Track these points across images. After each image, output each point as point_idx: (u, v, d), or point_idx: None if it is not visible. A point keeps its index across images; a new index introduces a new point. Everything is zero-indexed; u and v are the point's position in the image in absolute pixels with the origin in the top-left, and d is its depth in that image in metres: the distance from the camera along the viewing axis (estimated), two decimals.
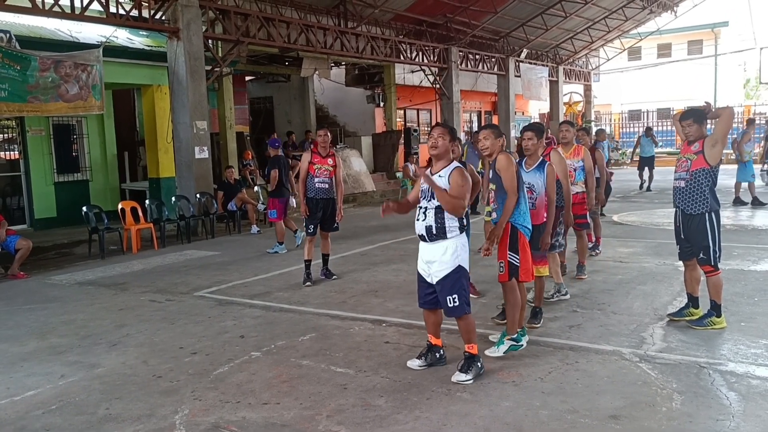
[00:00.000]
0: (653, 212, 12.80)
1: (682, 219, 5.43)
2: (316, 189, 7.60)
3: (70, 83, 10.75)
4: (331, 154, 7.72)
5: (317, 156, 7.65)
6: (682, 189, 5.35)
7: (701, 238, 5.28)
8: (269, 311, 6.53)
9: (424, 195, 4.49)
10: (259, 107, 21.34)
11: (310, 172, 7.61)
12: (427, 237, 4.44)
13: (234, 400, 4.26)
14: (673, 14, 25.76)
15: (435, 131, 4.58)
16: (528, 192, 5.28)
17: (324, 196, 7.65)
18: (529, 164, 5.52)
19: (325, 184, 7.62)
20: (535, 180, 5.44)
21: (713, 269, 5.29)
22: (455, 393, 4.23)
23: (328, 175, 7.64)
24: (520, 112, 27.16)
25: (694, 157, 5.26)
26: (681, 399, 4.00)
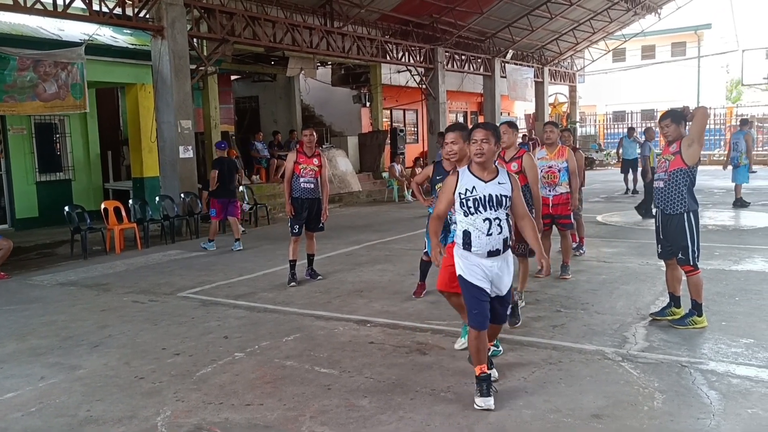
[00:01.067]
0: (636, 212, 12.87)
1: (661, 219, 5.49)
2: (302, 189, 7.56)
3: (48, 82, 10.64)
4: (317, 153, 7.69)
5: (303, 156, 7.60)
6: (661, 189, 5.40)
7: (680, 238, 5.33)
8: (253, 312, 6.50)
9: (481, 203, 3.95)
10: (245, 106, 21.24)
11: (295, 172, 7.58)
12: (503, 249, 4.01)
13: (217, 401, 4.24)
14: (657, 16, 26.00)
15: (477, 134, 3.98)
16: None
17: (309, 196, 7.61)
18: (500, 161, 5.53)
19: (310, 184, 7.58)
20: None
21: (693, 269, 5.34)
22: (439, 393, 4.23)
23: (314, 175, 7.60)
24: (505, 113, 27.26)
25: (671, 157, 5.33)
26: (662, 398, 4.03)
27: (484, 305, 3.97)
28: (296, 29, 14.67)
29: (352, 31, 16.50)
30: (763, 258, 8.08)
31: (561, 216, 7.35)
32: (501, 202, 3.94)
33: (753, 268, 7.55)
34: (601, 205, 14.49)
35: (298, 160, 7.58)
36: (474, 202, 3.93)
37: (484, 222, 3.92)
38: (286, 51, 15.59)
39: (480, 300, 3.97)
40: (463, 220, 3.99)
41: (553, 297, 6.57)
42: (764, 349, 4.81)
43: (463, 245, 4.00)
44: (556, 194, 7.31)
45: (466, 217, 3.97)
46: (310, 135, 7.67)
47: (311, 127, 7.88)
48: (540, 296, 6.60)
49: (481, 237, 3.93)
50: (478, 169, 3.99)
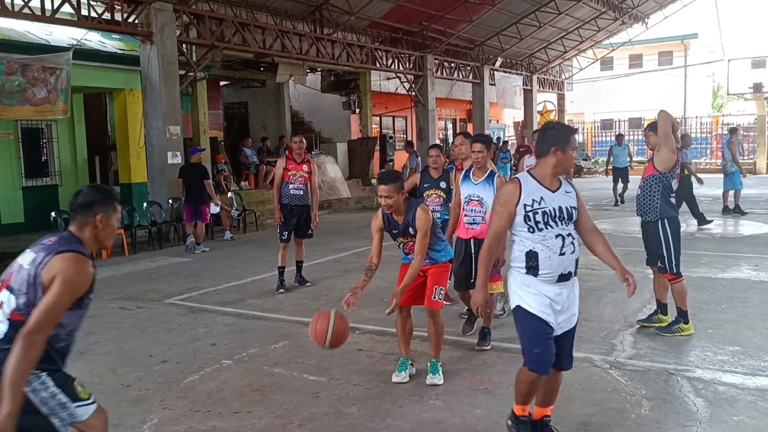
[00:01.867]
0: (625, 220, 12.97)
1: (642, 226, 5.59)
2: (291, 195, 7.56)
3: (37, 87, 10.57)
4: (306, 160, 7.69)
5: (292, 162, 7.60)
6: (638, 196, 5.52)
7: (656, 246, 5.36)
8: (241, 319, 6.47)
9: (551, 217, 3.34)
10: (234, 112, 21.19)
11: (284, 179, 7.58)
12: (574, 273, 3.43)
13: (204, 409, 4.21)
14: (644, 26, 26.27)
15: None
16: (477, 205, 5.24)
17: (299, 203, 7.62)
18: (477, 176, 5.34)
19: (299, 190, 7.58)
20: (484, 193, 5.26)
21: (675, 277, 5.36)
22: (428, 401, 4.23)
23: (303, 182, 7.60)
24: (494, 120, 27.40)
25: (647, 164, 5.47)
26: (650, 405, 4.05)
27: (549, 344, 3.34)
28: (286, 36, 14.67)
29: (341, 38, 16.53)
30: (748, 266, 8.16)
31: None
32: (571, 215, 3.42)
33: (739, 276, 7.61)
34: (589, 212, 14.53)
35: (287, 166, 7.58)
36: (543, 216, 3.32)
37: (557, 239, 3.32)
38: (276, 57, 15.58)
39: (545, 337, 3.33)
40: (527, 237, 3.35)
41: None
42: (750, 357, 4.85)
43: (527, 269, 3.34)
44: None
45: (531, 234, 3.33)
46: (300, 142, 7.66)
47: (301, 134, 7.87)
48: None
49: (552, 258, 3.30)
50: (544, 176, 3.42)
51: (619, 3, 22.97)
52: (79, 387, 2.67)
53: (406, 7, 17.31)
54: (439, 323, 4.56)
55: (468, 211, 5.30)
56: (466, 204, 5.31)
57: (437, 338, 4.57)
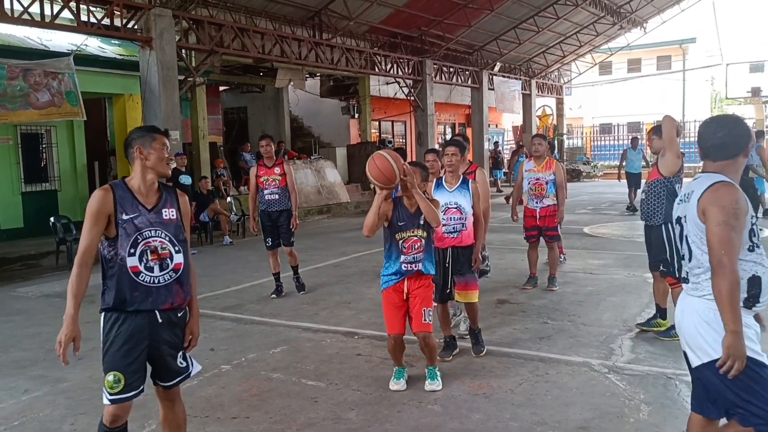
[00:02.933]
0: (624, 224, 12.99)
1: (645, 230, 5.59)
2: (267, 201, 7.43)
3: (40, 92, 10.59)
4: (279, 162, 7.50)
5: (263, 168, 7.45)
6: (643, 201, 5.51)
7: (660, 251, 5.37)
8: (240, 324, 6.47)
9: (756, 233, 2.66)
10: (233, 117, 21.24)
11: (259, 186, 7.46)
12: None
13: (203, 414, 4.21)
14: (642, 30, 26.33)
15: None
16: (456, 212, 5.05)
17: (275, 208, 7.45)
18: (450, 183, 5.15)
19: (274, 195, 7.41)
20: (461, 198, 5.09)
21: (677, 281, 5.32)
22: (426, 406, 4.23)
23: (278, 185, 7.41)
24: (493, 125, 27.44)
25: (651, 169, 5.48)
26: (648, 410, 4.05)
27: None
28: (285, 41, 14.70)
29: (340, 43, 16.57)
30: None
31: (548, 228, 7.39)
32: None
33: None
34: (588, 216, 14.58)
35: (258, 173, 7.43)
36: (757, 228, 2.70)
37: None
38: (275, 62, 15.62)
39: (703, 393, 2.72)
40: (747, 258, 2.61)
41: (540, 309, 6.59)
42: None
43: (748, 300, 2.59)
44: (543, 206, 7.35)
45: (751, 254, 2.62)
46: (267, 145, 7.43)
47: (268, 137, 7.62)
48: (527, 308, 6.62)
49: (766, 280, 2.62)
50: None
51: (617, 8, 23.04)
52: None
53: (405, 12, 17.36)
54: (431, 344, 4.49)
55: (446, 220, 5.00)
56: (443, 213, 4.97)
57: (431, 352, 4.54)
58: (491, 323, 6.05)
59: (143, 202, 3.06)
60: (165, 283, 3.05)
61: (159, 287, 3.04)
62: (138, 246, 3.00)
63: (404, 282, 4.40)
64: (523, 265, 7.93)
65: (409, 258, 4.34)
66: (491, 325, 6.00)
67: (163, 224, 3.06)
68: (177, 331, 3.18)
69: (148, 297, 3.03)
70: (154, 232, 3.04)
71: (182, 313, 3.20)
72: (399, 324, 4.45)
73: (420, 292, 4.40)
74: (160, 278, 3.04)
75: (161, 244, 3.04)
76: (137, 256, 2.98)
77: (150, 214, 3.05)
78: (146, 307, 3.03)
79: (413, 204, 4.30)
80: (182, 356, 3.23)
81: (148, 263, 3.01)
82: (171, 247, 3.07)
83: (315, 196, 17.29)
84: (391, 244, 4.38)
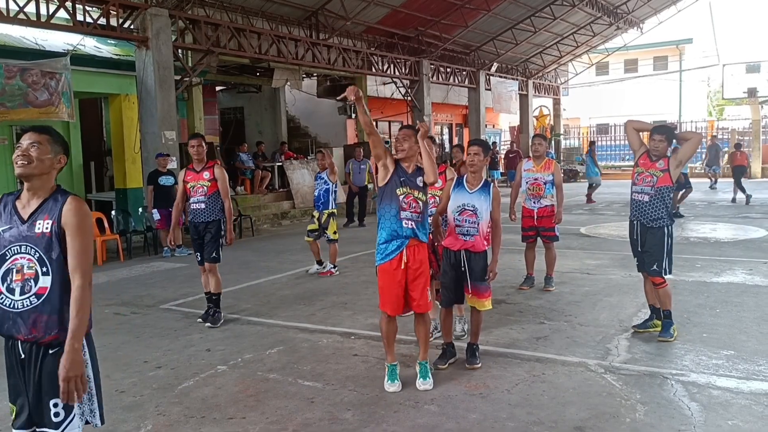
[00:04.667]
0: (621, 225, 12.98)
1: (640, 231, 5.53)
2: (193, 211, 6.40)
3: (39, 91, 10.56)
4: (209, 166, 6.41)
5: (191, 173, 6.42)
6: (645, 203, 5.45)
7: (658, 251, 5.42)
8: (236, 324, 6.45)
9: None
10: (230, 117, 21.17)
11: (188, 193, 6.48)
12: None
13: (199, 414, 4.20)
14: (639, 31, 26.37)
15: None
16: (471, 215, 4.84)
17: (200, 219, 6.35)
18: (472, 184, 4.94)
19: (200, 204, 6.32)
20: (479, 202, 4.86)
21: (663, 281, 5.44)
22: (423, 406, 4.23)
23: (205, 193, 6.31)
24: (490, 125, 27.44)
25: (660, 174, 5.38)
26: (644, 410, 4.05)
27: None
28: (282, 41, 14.69)
29: (337, 43, 16.56)
30: (743, 270, 8.18)
31: (546, 228, 7.39)
32: None
33: (734, 280, 7.63)
34: (584, 217, 14.60)
35: (185, 178, 6.43)
36: None
37: None
38: (272, 62, 15.60)
39: None
40: None
41: (537, 309, 6.60)
42: (744, 361, 4.86)
43: None
44: (541, 206, 7.35)
45: None
46: (198, 146, 6.36)
47: (199, 136, 6.51)
48: (524, 308, 6.63)
49: None
50: None
51: (614, 8, 23.07)
52: None
53: (402, 13, 17.35)
54: (427, 322, 4.60)
55: (461, 221, 4.86)
56: (459, 214, 4.88)
57: (425, 338, 4.59)
58: (488, 323, 6.04)
59: (21, 211, 2.62)
60: (22, 309, 2.55)
61: (15, 313, 2.55)
62: (5, 262, 2.58)
63: (403, 253, 4.38)
64: (520, 265, 7.93)
65: (408, 214, 4.37)
66: (488, 325, 5.98)
67: (33, 239, 2.57)
68: (50, 371, 2.56)
69: (4, 323, 2.58)
70: (24, 247, 2.57)
71: (56, 350, 2.57)
72: (398, 302, 4.42)
73: (421, 268, 4.43)
74: (18, 303, 2.55)
75: (29, 262, 2.57)
76: (1, 275, 2.57)
77: (23, 227, 2.59)
78: (5, 333, 2.59)
79: (410, 166, 4.47)
80: (57, 405, 2.59)
81: (10, 284, 2.56)
82: (38, 267, 2.56)
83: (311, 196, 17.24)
84: (391, 201, 4.40)
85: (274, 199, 16.66)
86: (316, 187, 9.18)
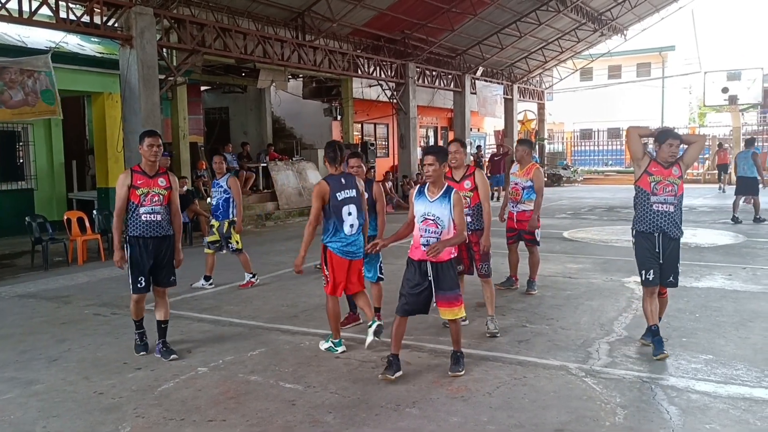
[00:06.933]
0: (603, 229, 13.10)
1: (664, 243, 5.16)
2: (144, 223, 5.33)
3: (14, 89, 10.42)
4: (162, 172, 5.51)
5: (141, 176, 5.39)
6: (670, 214, 5.12)
7: (676, 261, 5.23)
8: (218, 325, 6.41)
9: None
10: (215, 118, 21.07)
11: (132, 201, 5.34)
12: None
13: (178, 417, 4.16)
14: (623, 37, 26.64)
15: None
16: (432, 225, 4.69)
17: (156, 233, 5.38)
18: (433, 192, 4.76)
19: (157, 215, 5.37)
20: (440, 211, 4.69)
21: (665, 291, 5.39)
22: (404, 409, 4.22)
23: (161, 203, 5.40)
24: (475, 129, 27.54)
25: (678, 181, 5.14)
26: (624, 413, 4.08)
27: None
28: (267, 41, 14.64)
29: (323, 45, 16.53)
30: (722, 275, 8.27)
31: (525, 232, 7.42)
32: None
33: (713, 285, 7.72)
34: (567, 221, 14.69)
35: (134, 183, 5.35)
36: None
37: None
38: (257, 63, 15.54)
39: None
40: None
41: (519, 312, 6.63)
42: (723, 365, 4.91)
43: None
44: (519, 210, 7.40)
45: None
46: (158, 145, 5.45)
47: (155, 134, 5.53)
48: (506, 311, 6.65)
49: None
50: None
51: (598, 15, 23.28)
52: None
53: (389, 15, 17.37)
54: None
55: (423, 231, 4.73)
56: (421, 223, 4.75)
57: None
58: (470, 327, 6.06)
59: None
60: None
61: None
62: None
63: None
64: (504, 267, 7.95)
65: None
66: (470, 328, 6.01)
67: None
68: None
69: None
70: None
71: None
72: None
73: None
74: None
75: None
76: None
77: None
78: None
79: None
80: None
81: None
82: None
83: (296, 197, 17.24)
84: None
85: (258, 200, 16.59)
86: (213, 195, 8.36)
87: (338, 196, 5.28)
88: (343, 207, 5.30)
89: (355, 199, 5.40)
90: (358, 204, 5.42)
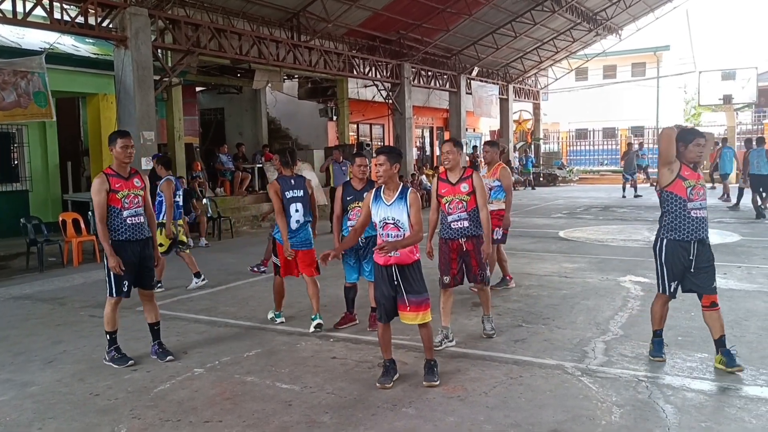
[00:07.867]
0: (598, 228, 13.13)
1: (698, 250, 4.87)
2: (129, 227, 5.22)
3: (6, 91, 10.37)
4: (134, 171, 5.39)
5: (118, 179, 5.21)
6: (705, 219, 4.87)
7: (713, 265, 4.99)
8: (214, 326, 6.41)
9: None
10: (210, 118, 21.03)
11: (112, 206, 5.18)
12: None
13: (174, 418, 4.15)
14: (618, 37, 26.72)
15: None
16: (393, 229, 4.57)
17: (140, 236, 5.29)
18: (389, 195, 4.64)
19: (139, 217, 5.28)
20: (398, 213, 4.58)
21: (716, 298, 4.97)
22: (400, 409, 4.22)
23: (140, 204, 5.32)
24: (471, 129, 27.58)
25: (704, 184, 4.93)
26: (620, 412, 4.09)
27: None
28: (263, 42, 14.62)
29: (319, 45, 16.53)
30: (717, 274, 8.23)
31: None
32: None
33: None
34: (563, 220, 14.72)
35: (112, 187, 5.17)
36: None
37: None
38: (253, 63, 15.53)
39: None
40: None
41: (515, 311, 6.64)
42: None
43: None
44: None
45: None
46: (132, 147, 5.33)
47: (128, 135, 5.38)
48: (501, 311, 6.66)
49: None
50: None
51: (593, 15, 23.34)
52: None
53: (384, 16, 17.38)
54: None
55: (385, 236, 4.62)
56: (382, 228, 4.65)
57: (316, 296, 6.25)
58: (466, 325, 6.08)
59: None
60: None
61: None
62: None
63: None
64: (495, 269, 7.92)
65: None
66: (466, 327, 6.02)
67: None
68: None
69: None
70: None
71: None
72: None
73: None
74: None
75: None
76: None
77: None
78: None
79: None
80: None
81: None
82: None
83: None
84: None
85: (253, 201, 16.57)
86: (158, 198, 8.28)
87: (287, 195, 6.14)
88: (291, 204, 6.14)
89: (302, 198, 6.24)
90: (305, 203, 6.27)
